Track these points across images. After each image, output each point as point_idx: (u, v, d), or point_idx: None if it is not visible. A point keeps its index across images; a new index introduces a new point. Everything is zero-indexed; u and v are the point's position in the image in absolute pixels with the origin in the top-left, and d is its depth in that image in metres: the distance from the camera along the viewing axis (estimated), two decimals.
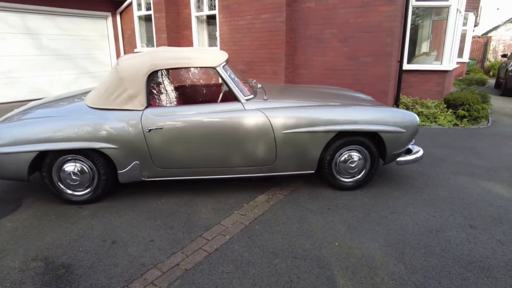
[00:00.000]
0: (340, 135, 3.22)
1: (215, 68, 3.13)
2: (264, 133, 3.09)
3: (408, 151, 3.57)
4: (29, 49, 8.29)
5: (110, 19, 9.85)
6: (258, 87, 3.46)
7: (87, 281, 2.16)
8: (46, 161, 3.01)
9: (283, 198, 3.29)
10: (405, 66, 6.62)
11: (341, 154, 3.31)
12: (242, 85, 3.31)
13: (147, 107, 3.05)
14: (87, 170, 3.10)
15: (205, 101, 4.29)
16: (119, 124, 3.00)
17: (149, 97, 3.07)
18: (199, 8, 8.19)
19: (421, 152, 3.51)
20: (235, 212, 3.03)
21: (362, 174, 3.40)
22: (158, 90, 3.58)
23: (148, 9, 8.91)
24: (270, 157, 3.18)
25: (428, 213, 2.99)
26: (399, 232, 2.70)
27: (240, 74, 3.64)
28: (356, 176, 3.41)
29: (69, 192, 3.14)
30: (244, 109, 3.12)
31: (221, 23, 7.61)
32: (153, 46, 9.10)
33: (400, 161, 3.43)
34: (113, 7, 9.76)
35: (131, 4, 9.43)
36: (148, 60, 3.04)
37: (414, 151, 3.54)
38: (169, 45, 8.33)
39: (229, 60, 3.49)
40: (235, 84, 3.18)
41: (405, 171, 3.98)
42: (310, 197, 3.31)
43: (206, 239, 2.62)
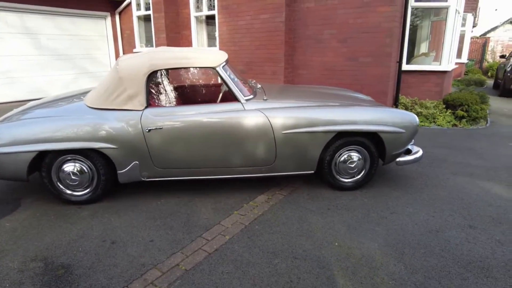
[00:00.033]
0: (339, 135, 3.22)
1: (215, 68, 3.13)
2: (264, 133, 3.09)
3: (407, 152, 3.57)
4: (28, 49, 8.26)
5: (109, 19, 9.83)
6: (257, 87, 3.46)
7: (87, 282, 2.16)
8: (45, 161, 3.00)
9: (282, 198, 3.30)
10: (404, 66, 6.64)
11: (340, 154, 3.31)
12: (241, 85, 3.31)
13: (146, 107, 3.05)
14: (86, 170, 3.09)
15: (204, 101, 4.29)
16: (118, 124, 2.99)
17: (148, 97, 3.07)
18: (198, 8, 8.18)
19: (420, 153, 3.51)
20: (235, 212, 3.03)
21: (362, 174, 3.41)
22: (157, 90, 3.58)
23: (147, 9, 8.89)
24: (270, 157, 3.18)
25: (427, 213, 3.00)
26: (398, 232, 2.70)
27: (240, 74, 3.64)
28: (355, 176, 3.41)
29: (69, 192, 3.14)
30: (243, 109, 3.12)
31: (220, 23, 7.61)
32: (152, 46, 9.09)
33: (400, 161, 3.43)
34: (112, 7, 9.75)
35: (130, 4, 9.41)
36: (147, 60, 3.04)
37: (414, 151, 3.55)
38: (168, 45, 8.32)
39: (228, 60, 3.49)
40: (235, 84, 3.18)
41: (404, 171, 3.98)
42: (309, 197, 3.31)
43: (206, 239, 2.62)
